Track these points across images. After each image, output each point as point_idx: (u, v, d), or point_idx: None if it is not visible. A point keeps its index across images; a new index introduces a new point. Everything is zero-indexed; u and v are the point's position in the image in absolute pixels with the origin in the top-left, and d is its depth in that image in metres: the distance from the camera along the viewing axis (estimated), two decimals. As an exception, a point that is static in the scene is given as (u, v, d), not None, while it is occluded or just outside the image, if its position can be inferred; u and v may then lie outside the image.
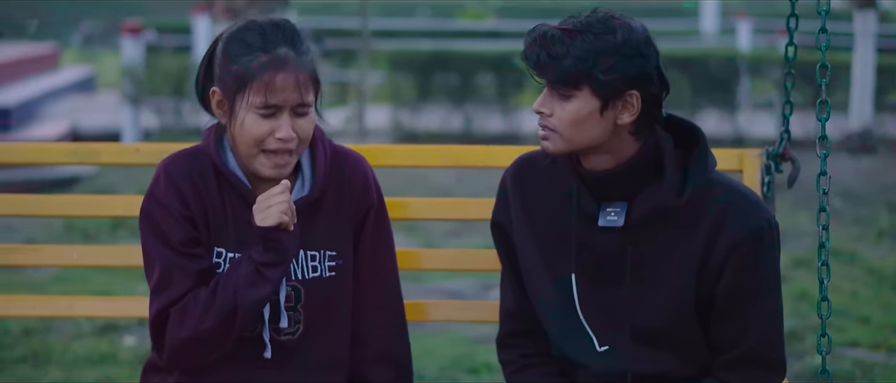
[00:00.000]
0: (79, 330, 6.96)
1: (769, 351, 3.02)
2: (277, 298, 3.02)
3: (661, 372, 3.03)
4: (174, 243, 2.97)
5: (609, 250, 3.00)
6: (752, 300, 2.98)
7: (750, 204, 2.97)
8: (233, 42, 2.95)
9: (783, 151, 3.41)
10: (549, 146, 2.95)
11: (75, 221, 9.87)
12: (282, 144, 2.92)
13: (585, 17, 2.89)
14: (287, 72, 2.89)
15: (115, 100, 15.49)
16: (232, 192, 3.01)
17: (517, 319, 3.16)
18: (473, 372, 6.28)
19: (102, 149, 3.46)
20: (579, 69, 2.86)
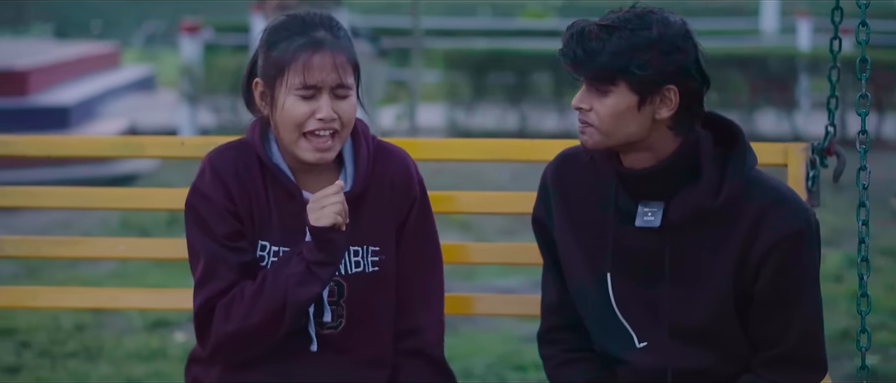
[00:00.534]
0: (130, 326, 7.01)
1: (809, 349, 3.00)
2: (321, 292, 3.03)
3: (701, 369, 3.02)
4: (218, 236, 2.98)
5: (646, 249, 2.99)
6: (792, 299, 2.96)
7: (789, 203, 2.96)
8: (272, 32, 2.98)
9: (828, 146, 3.38)
10: (587, 141, 2.96)
11: (131, 217, 9.95)
12: (322, 125, 2.94)
13: (624, 13, 2.90)
14: (324, 52, 2.92)
15: (174, 99, 15.59)
16: (276, 185, 3.02)
17: (559, 314, 3.16)
18: (520, 369, 6.28)
19: (147, 143, 3.49)
20: (615, 64, 2.86)
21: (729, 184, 2.92)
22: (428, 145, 3.54)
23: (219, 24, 17.95)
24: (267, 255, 3.02)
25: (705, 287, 2.97)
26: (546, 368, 3.20)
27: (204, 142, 3.43)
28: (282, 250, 3.01)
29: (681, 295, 2.99)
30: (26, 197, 3.44)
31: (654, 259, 2.99)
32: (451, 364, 6.14)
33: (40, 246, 3.55)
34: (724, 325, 2.99)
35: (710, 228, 2.95)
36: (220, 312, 2.97)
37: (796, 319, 2.97)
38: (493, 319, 7.21)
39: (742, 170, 2.94)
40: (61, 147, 3.41)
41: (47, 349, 6.51)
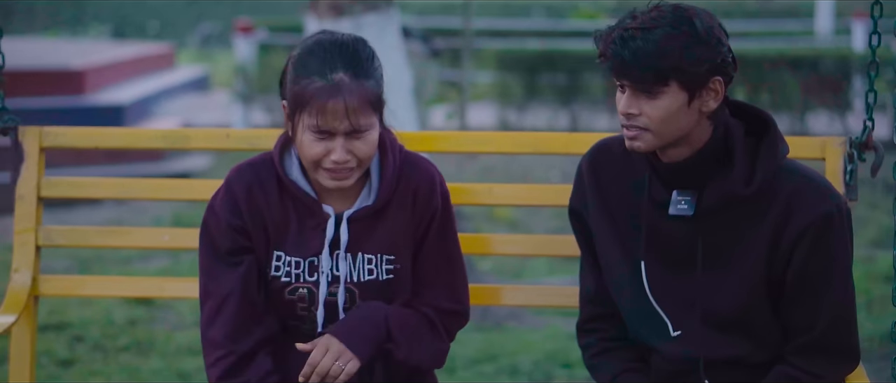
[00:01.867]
0: (181, 321, 7.08)
1: (841, 336, 3.01)
2: (335, 300, 3.09)
3: (734, 358, 3.04)
4: (220, 251, 3.07)
5: (680, 237, 3.01)
6: (823, 285, 2.97)
7: (819, 188, 2.97)
8: (297, 62, 3.03)
9: (866, 140, 3.38)
10: (640, 146, 2.95)
11: (184, 216, 10.03)
12: (336, 166, 2.98)
13: (654, 12, 2.87)
14: (337, 99, 2.93)
15: (227, 99, 15.70)
16: (295, 199, 3.08)
17: (596, 304, 3.18)
18: (567, 366, 6.29)
19: (192, 135, 3.54)
20: (666, 64, 2.85)
21: (761, 171, 2.93)
22: (469, 137, 3.57)
23: (273, 24, 18.03)
24: (282, 265, 3.10)
25: (737, 273, 2.98)
26: (585, 357, 3.23)
27: (249, 134, 3.50)
28: (295, 260, 3.09)
29: (713, 282, 3.00)
30: (87, 187, 3.57)
31: (688, 247, 3.01)
32: (497, 361, 6.21)
33: (88, 235, 3.62)
34: (757, 312, 3.01)
35: (742, 215, 2.96)
36: (205, 316, 3.10)
37: (827, 305, 2.97)
38: (539, 317, 7.22)
39: (773, 157, 2.95)
40: (109, 139, 3.46)
41: (100, 343, 6.60)
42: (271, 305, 3.11)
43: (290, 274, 3.09)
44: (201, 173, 12.19)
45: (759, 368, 3.05)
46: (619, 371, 3.14)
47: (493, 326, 6.95)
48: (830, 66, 15.77)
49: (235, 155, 11.13)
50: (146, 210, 10.54)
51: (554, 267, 8.40)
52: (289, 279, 3.09)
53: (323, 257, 3.07)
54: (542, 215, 10.06)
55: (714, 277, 3.00)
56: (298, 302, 3.09)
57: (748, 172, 2.94)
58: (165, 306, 7.32)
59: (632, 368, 3.14)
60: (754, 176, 2.93)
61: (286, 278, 3.08)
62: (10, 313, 3.39)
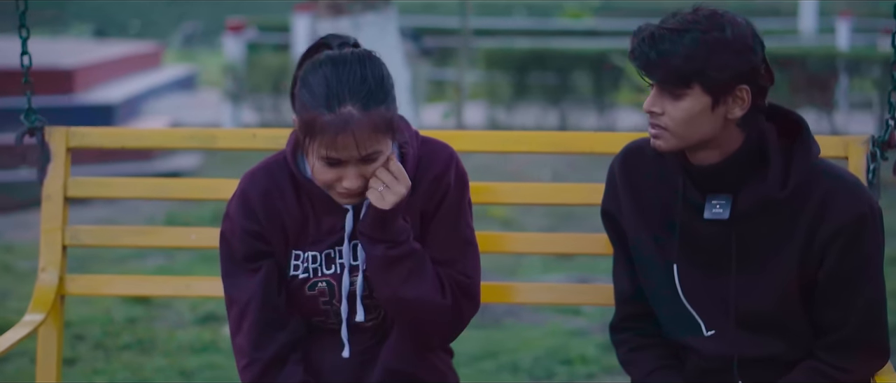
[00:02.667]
0: (181, 320, 7.09)
1: (872, 334, 3.04)
2: (355, 291, 3.10)
3: (767, 357, 3.07)
4: (238, 257, 3.08)
5: (714, 239, 3.03)
6: (855, 284, 3.00)
7: (853, 189, 3.00)
8: (305, 85, 2.96)
9: (889, 139, 3.41)
10: (661, 144, 2.97)
11: (177, 215, 10.04)
12: (347, 192, 2.99)
13: (690, 15, 2.90)
14: (346, 133, 2.89)
15: (216, 98, 15.70)
16: (312, 197, 3.09)
17: (632, 304, 3.21)
18: (568, 363, 6.31)
19: (219, 135, 3.54)
20: (691, 67, 2.87)
21: (795, 174, 2.96)
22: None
23: (262, 23, 18.04)
24: (300, 264, 3.11)
25: (771, 274, 3.01)
26: (619, 354, 3.25)
27: (275, 134, 3.49)
28: (312, 255, 3.10)
29: (747, 282, 3.03)
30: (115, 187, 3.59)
31: (722, 249, 3.03)
32: (498, 358, 6.24)
33: (118, 235, 3.64)
34: (790, 311, 3.04)
35: (776, 217, 2.99)
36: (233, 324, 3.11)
37: (859, 303, 3.01)
38: (536, 314, 7.25)
39: (807, 160, 2.98)
40: (137, 139, 3.47)
41: (101, 342, 6.61)
42: (294, 306, 3.11)
43: (308, 269, 3.09)
44: (190, 172, 12.18)
45: (792, 366, 3.08)
46: (655, 367, 3.17)
47: (492, 323, 6.98)
48: (816, 65, 15.82)
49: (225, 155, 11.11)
50: (138, 209, 10.53)
51: (548, 265, 8.44)
52: (307, 274, 3.09)
53: (344, 248, 3.08)
54: (535, 214, 10.09)
55: (748, 278, 3.03)
56: (319, 296, 3.10)
57: (783, 175, 2.97)
58: (164, 305, 7.33)
59: (667, 365, 3.17)
60: (789, 178, 2.96)
61: (304, 274, 3.09)
62: (38, 312, 3.40)
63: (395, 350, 3.14)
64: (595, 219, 3.33)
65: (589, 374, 6.18)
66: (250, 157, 12.10)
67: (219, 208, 10.05)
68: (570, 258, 8.58)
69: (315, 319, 3.13)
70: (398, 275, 3.03)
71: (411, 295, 3.04)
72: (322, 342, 3.15)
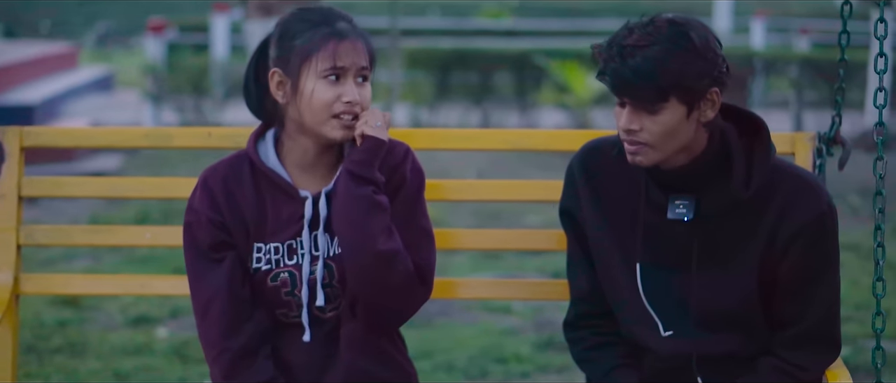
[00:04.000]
0: (112, 322, 7.04)
1: (828, 328, 3.10)
2: (315, 277, 3.12)
3: (725, 354, 3.11)
4: (203, 248, 3.12)
5: (676, 239, 3.07)
6: (815, 280, 3.06)
7: (814, 188, 3.05)
8: (291, 23, 3.10)
9: (835, 135, 3.46)
10: (642, 160, 2.98)
11: (101, 216, 9.95)
12: (348, 107, 3.05)
13: (651, 27, 2.88)
14: (346, 41, 3.04)
15: (135, 99, 15.59)
16: (272, 187, 3.13)
17: (589, 302, 3.23)
18: (502, 361, 6.35)
19: (175, 133, 3.54)
20: (668, 81, 2.87)
21: (758, 174, 3.00)
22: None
23: (182, 24, 17.94)
24: (262, 256, 3.14)
25: (733, 273, 3.06)
26: (574, 351, 3.27)
27: (230, 132, 3.51)
28: (274, 246, 3.13)
29: (709, 282, 3.07)
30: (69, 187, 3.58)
31: (684, 249, 3.07)
32: (433, 358, 6.26)
33: (72, 234, 3.63)
34: (750, 310, 3.08)
35: (739, 217, 3.04)
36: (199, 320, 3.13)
37: (818, 299, 3.07)
38: (468, 313, 7.27)
39: (769, 159, 3.03)
40: (91, 138, 3.47)
41: (33, 345, 6.54)
42: (258, 299, 3.14)
43: (270, 260, 3.12)
44: (115, 172, 12.08)
45: (749, 362, 3.13)
46: (612, 366, 3.19)
47: (425, 323, 7.00)
48: (731, 65, 15.99)
49: (149, 154, 11.00)
50: (62, 210, 10.42)
51: (477, 264, 8.47)
52: (270, 265, 3.12)
53: (303, 237, 3.11)
54: (461, 213, 10.12)
55: (709, 277, 3.07)
56: (281, 287, 3.13)
57: (746, 175, 3.01)
58: (94, 307, 7.27)
59: (625, 364, 3.19)
60: (752, 178, 3.00)
61: (267, 265, 3.12)
62: (-8, 313, 3.38)
63: (362, 350, 3.16)
64: (522, 217, 3.39)
65: (523, 373, 6.22)
66: (174, 159, 12.07)
67: (142, 209, 9.99)
68: (498, 257, 8.62)
69: (278, 311, 3.15)
70: (378, 223, 3.04)
71: (385, 247, 3.04)
72: (284, 337, 3.16)
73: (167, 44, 15.63)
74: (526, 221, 9.67)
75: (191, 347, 6.47)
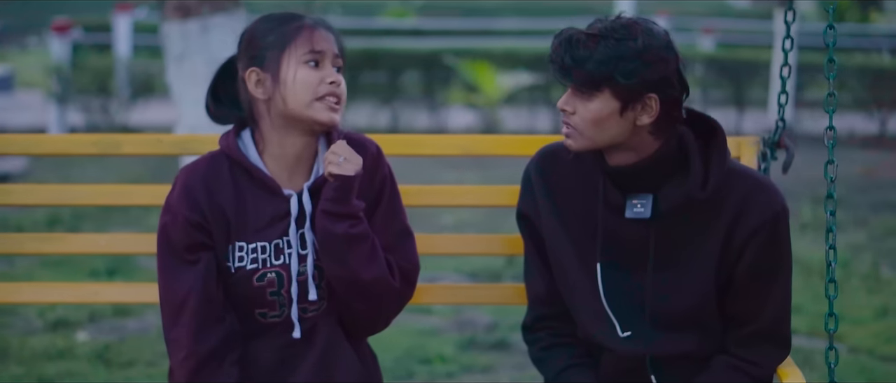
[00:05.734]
0: (30, 327, 6.95)
1: (781, 326, 3.18)
2: (306, 273, 3.14)
3: (681, 354, 3.17)
4: (178, 248, 3.11)
5: (634, 239, 3.12)
6: (768, 279, 3.13)
7: (768, 188, 3.12)
8: (258, 27, 3.16)
9: (779, 139, 3.53)
10: (571, 144, 3.08)
11: (9, 219, 9.81)
12: (332, 88, 3.11)
13: (610, 22, 3.01)
14: (321, 28, 3.13)
15: (38, 100, 15.39)
16: (254, 185, 3.14)
17: (547, 304, 3.28)
18: (427, 362, 6.37)
19: (124, 140, 3.50)
20: (601, 72, 2.97)
21: (714, 175, 3.07)
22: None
23: (85, 24, 17.73)
24: (245, 254, 3.14)
25: (690, 273, 3.12)
26: (531, 352, 3.33)
27: (182, 139, 3.50)
28: (260, 245, 3.13)
29: (665, 282, 3.13)
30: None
31: (642, 249, 3.13)
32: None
33: (23, 242, 3.58)
34: (706, 309, 3.15)
35: (695, 217, 3.10)
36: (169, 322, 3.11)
37: (772, 297, 3.14)
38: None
39: (725, 161, 3.09)
40: (41, 145, 3.42)
41: (-50, 352, 6.46)
42: (237, 297, 3.14)
43: (256, 260, 3.13)
44: (20, 175, 11.91)
45: (703, 361, 3.20)
46: (567, 365, 3.25)
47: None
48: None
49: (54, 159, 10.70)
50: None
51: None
52: (256, 265, 3.13)
53: (291, 235, 3.13)
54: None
55: (666, 277, 3.13)
56: (267, 287, 3.14)
57: (703, 176, 3.07)
58: (10, 311, 7.18)
59: (580, 363, 3.25)
60: (708, 180, 3.07)
61: (253, 264, 3.13)
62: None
63: (340, 352, 3.19)
64: (438, 219, 3.42)
65: (449, 373, 6.24)
66: (82, 161, 11.82)
67: (51, 213, 9.85)
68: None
69: (258, 311, 3.15)
70: (359, 256, 3.09)
71: (369, 276, 3.11)
72: (259, 337, 3.17)
73: (72, 44, 15.42)
74: (441, 222, 9.70)
75: (112, 351, 6.43)
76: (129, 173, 11.43)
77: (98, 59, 15.29)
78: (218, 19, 7.38)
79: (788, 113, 15.27)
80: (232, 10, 7.43)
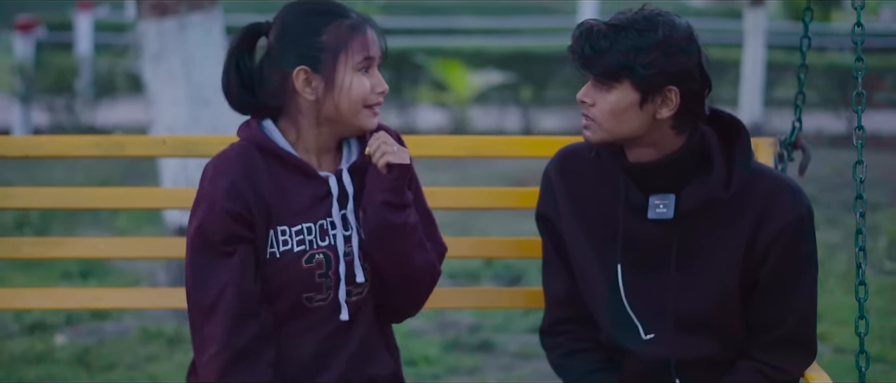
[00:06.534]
0: (7, 331, 6.87)
1: (806, 331, 3.14)
2: (352, 254, 3.11)
3: (704, 357, 3.14)
4: (215, 241, 3.04)
5: (656, 240, 3.10)
6: (793, 283, 3.10)
7: (793, 190, 3.10)
8: (309, 17, 3.07)
9: (796, 140, 3.52)
10: (589, 135, 3.06)
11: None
12: (380, 97, 3.10)
13: (632, 14, 3.00)
14: (371, 27, 3.08)
15: (4, 99, 15.26)
16: (289, 170, 3.09)
17: (566, 306, 3.24)
18: (412, 364, 6.32)
19: (127, 142, 3.44)
20: (620, 63, 2.96)
21: (738, 174, 3.05)
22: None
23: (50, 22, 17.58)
24: (289, 238, 3.08)
25: (713, 274, 3.09)
26: (551, 358, 3.29)
27: (185, 140, 3.44)
28: (303, 227, 3.09)
29: (687, 284, 3.10)
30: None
31: (664, 250, 3.10)
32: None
33: (20, 247, 3.52)
34: (729, 312, 3.12)
35: (718, 218, 3.07)
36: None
37: (797, 302, 3.11)
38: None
39: (748, 161, 3.07)
40: (42, 147, 3.34)
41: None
42: (284, 283, 3.09)
43: (303, 241, 3.08)
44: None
45: (727, 365, 3.17)
46: (589, 370, 3.21)
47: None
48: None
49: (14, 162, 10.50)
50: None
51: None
52: (303, 246, 3.08)
53: (334, 215, 3.10)
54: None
55: (688, 279, 3.10)
56: (316, 269, 3.10)
57: (726, 175, 3.05)
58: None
59: (602, 368, 3.21)
60: (732, 179, 3.05)
61: (300, 246, 3.08)
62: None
63: (377, 338, 3.19)
64: None
65: (434, 375, 6.22)
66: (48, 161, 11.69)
67: (20, 215, 9.69)
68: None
69: (305, 295, 3.10)
70: (412, 243, 3.10)
71: (420, 262, 3.12)
72: (301, 326, 3.13)
73: (36, 42, 15.28)
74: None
75: (92, 354, 6.36)
76: (95, 175, 11.31)
77: (61, 58, 15.15)
78: (196, 18, 7.28)
79: (758, 111, 15.39)
80: (209, 8, 7.34)
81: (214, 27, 7.37)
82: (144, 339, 6.62)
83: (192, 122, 7.20)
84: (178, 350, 6.43)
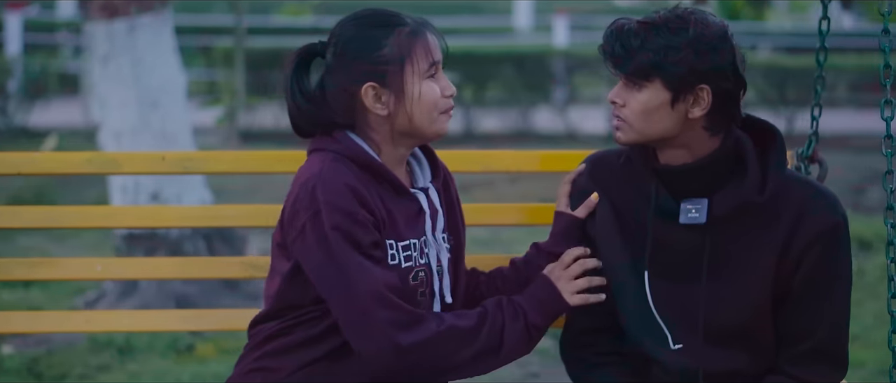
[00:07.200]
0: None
1: (837, 345, 3.07)
2: (443, 270, 3.09)
3: (733, 370, 3.08)
4: (365, 244, 2.94)
5: (687, 246, 3.04)
6: (825, 294, 3.04)
7: (827, 200, 3.05)
8: (367, 30, 2.99)
9: (812, 153, 3.47)
10: (621, 136, 3.03)
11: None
12: (450, 100, 3.06)
13: (665, 13, 2.97)
14: (431, 30, 3.04)
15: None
16: (385, 185, 3.03)
17: (589, 315, 3.16)
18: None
19: (123, 159, 3.32)
20: (651, 61, 2.93)
21: (772, 180, 3.00)
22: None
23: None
24: (396, 253, 3.01)
25: (745, 283, 3.03)
26: (575, 370, 3.20)
27: (184, 157, 3.32)
28: (411, 242, 3.03)
29: (719, 293, 3.04)
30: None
31: (695, 257, 3.04)
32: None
33: (12, 268, 3.40)
34: (759, 323, 3.05)
35: (752, 224, 3.02)
36: (397, 322, 2.92)
37: (829, 313, 3.04)
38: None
39: (783, 167, 3.03)
40: (35, 164, 3.22)
41: None
42: (397, 297, 2.98)
43: (410, 257, 3.03)
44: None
45: (755, 378, 3.10)
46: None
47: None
48: (534, 63, 16.27)
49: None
50: None
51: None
52: (411, 262, 3.03)
53: (428, 232, 3.07)
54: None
55: (720, 288, 3.04)
56: (419, 286, 3.05)
57: (761, 180, 3.00)
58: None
59: (628, 382, 3.14)
60: (766, 184, 3.00)
61: (408, 262, 3.03)
62: None
63: None
64: None
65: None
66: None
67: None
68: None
69: None
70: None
71: None
72: None
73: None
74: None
75: (42, 364, 6.25)
76: (32, 181, 11.06)
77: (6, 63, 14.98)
78: (145, 19, 7.17)
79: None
80: (159, 9, 7.22)
81: (164, 29, 7.30)
82: (94, 348, 6.49)
83: (140, 125, 7.15)
84: (129, 360, 6.32)
